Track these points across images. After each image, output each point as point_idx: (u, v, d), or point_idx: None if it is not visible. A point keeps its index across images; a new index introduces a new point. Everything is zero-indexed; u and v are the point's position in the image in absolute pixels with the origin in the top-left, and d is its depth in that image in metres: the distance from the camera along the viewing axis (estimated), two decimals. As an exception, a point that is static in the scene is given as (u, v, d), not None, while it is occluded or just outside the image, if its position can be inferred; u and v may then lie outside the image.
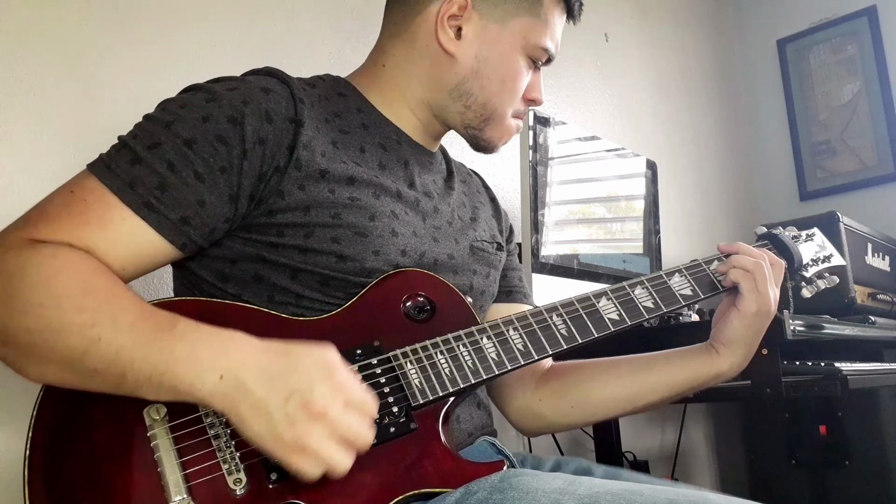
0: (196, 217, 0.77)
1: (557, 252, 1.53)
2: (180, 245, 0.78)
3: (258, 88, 0.82)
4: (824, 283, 1.09)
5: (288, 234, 0.82)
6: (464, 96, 0.95)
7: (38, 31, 1.14)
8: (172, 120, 0.78)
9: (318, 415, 0.65)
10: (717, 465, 2.46)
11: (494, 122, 0.97)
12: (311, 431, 0.65)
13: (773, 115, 2.94)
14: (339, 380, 0.68)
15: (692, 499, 0.69)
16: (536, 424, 1.08)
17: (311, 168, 0.82)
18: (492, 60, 0.94)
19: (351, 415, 0.68)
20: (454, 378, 0.80)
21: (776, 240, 1.05)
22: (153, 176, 0.75)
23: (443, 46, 0.93)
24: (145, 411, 0.70)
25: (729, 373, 0.98)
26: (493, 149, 1.01)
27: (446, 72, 0.94)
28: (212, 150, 0.77)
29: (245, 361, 0.67)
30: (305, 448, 0.65)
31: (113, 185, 0.75)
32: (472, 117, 0.96)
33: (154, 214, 0.75)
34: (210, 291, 0.84)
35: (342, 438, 0.67)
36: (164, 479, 0.67)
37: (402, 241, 0.87)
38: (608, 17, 2.42)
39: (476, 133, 0.98)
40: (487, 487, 0.73)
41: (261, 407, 0.65)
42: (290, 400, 0.65)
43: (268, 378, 0.66)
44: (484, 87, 0.94)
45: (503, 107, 0.96)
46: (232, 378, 0.66)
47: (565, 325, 0.88)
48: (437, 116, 0.98)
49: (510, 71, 0.95)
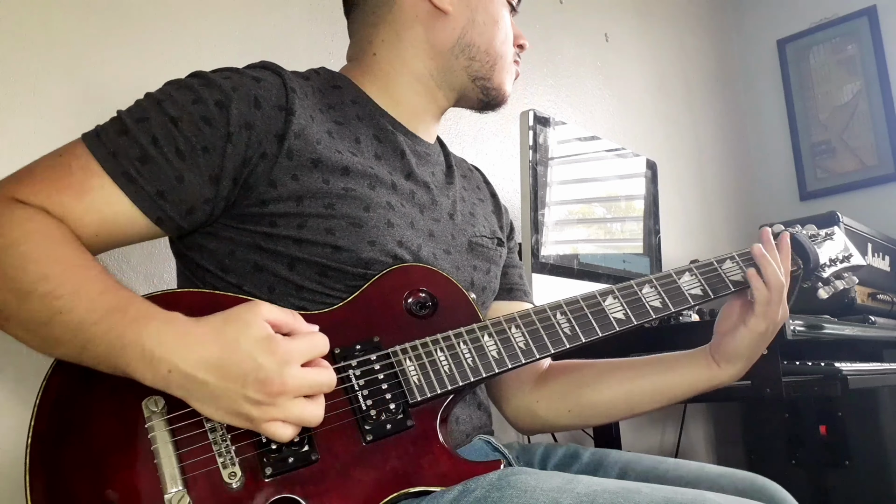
0: (172, 192, 0.78)
1: (557, 252, 1.53)
2: (155, 219, 0.79)
3: (251, 77, 0.83)
4: (843, 284, 1.06)
5: (281, 225, 0.82)
6: (466, 49, 0.97)
7: (38, 31, 1.14)
8: (164, 99, 0.80)
9: (277, 390, 0.67)
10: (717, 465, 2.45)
11: (499, 67, 1.00)
12: (276, 404, 0.67)
13: (773, 115, 2.94)
14: (281, 350, 0.68)
15: (690, 497, 0.69)
16: (534, 424, 1.08)
17: (303, 157, 0.82)
18: (482, 5, 0.98)
19: (308, 372, 0.69)
20: (453, 375, 0.80)
21: (793, 239, 1.03)
22: (136, 148, 0.77)
23: (436, 6, 0.95)
24: (144, 403, 0.71)
25: (728, 382, 0.99)
26: (502, 97, 1.02)
27: (444, 30, 0.96)
28: (195, 130, 0.78)
29: (187, 353, 0.67)
30: (275, 420, 0.67)
31: (97, 152, 0.77)
32: (479, 67, 0.98)
33: (131, 185, 0.77)
34: (212, 283, 0.85)
35: (307, 395, 0.69)
36: (160, 471, 0.68)
37: (399, 233, 0.87)
38: (608, 17, 2.42)
39: (485, 83, 1.00)
40: (486, 485, 0.73)
41: (218, 395, 0.67)
42: (245, 385, 0.66)
43: (215, 367, 0.67)
44: (483, 32, 0.97)
45: (503, 47, 1.00)
46: (179, 372, 0.67)
47: (569, 324, 0.87)
48: (441, 86, 0.99)
49: (499, 11, 0.99)
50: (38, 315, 0.68)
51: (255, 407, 0.67)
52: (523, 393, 1.07)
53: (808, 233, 1.06)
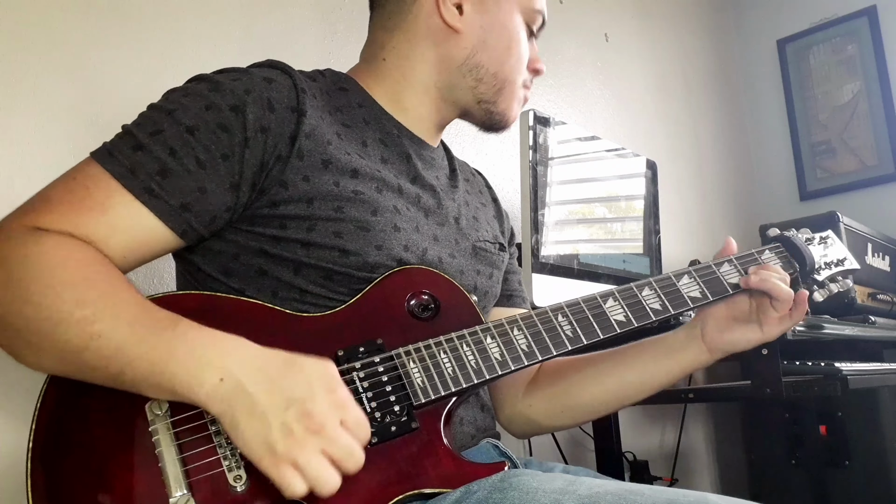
0: (197, 204, 0.77)
1: (557, 252, 1.53)
2: (181, 232, 0.78)
3: (261, 78, 0.82)
4: (837, 287, 1.06)
5: (291, 227, 0.81)
6: (474, 69, 0.95)
7: (38, 31, 1.14)
8: (175, 108, 0.78)
9: (315, 428, 0.65)
10: (717, 465, 2.46)
11: (506, 92, 0.98)
12: (305, 445, 0.64)
13: (773, 115, 2.94)
14: (340, 395, 0.68)
15: (692, 499, 0.69)
16: (530, 428, 1.09)
17: (314, 157, 0.82)
18: (496, 28, 0.95)
19: (346, 434, 0.67)
20: (457, 377, 0.80)
21: (788, 242, 1.04)
22: (154, 162, 0.75)
23: (447, 23, 0.94)
24: (147, 406, 0.70)
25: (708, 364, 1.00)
26: (506, 123, 1.01)
27: (453, 48, 0.95)
28: (213, 138, 0.77)
29: (247, 364, 0.67)
30: (296, 461, 0.64)
31: (115, 170, 0.75)
32: (485, 90, 0.97)
33: (155, 200, 0.75)
34: (213, 286, 0.84)
35: (334, 457, 0.66)
36: (164, 474, 0.67)
37: (405, 237, 0.87)
38: (608, 17, 2.42)
39: (489, 107, 0.98)
40: (487, 487, 0.73)
41: (258, 412, 0.65)
42: (289, 408, 0.65)
43: (269, 383, 0.66)
44: (492, 56, 0.95)
45: (513, 73, 0.97)
46: (233, 380, 0.65)
47: (570, 326, 0.87)
48: (446, 100, 0.98)
49: (514, 36, 0.97)
50: (75, 342, 0.66)
51: (285, 438, 0.64)
52: (516, 399, 1.07)
53: (804, 236, 1.07)
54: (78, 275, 0.69)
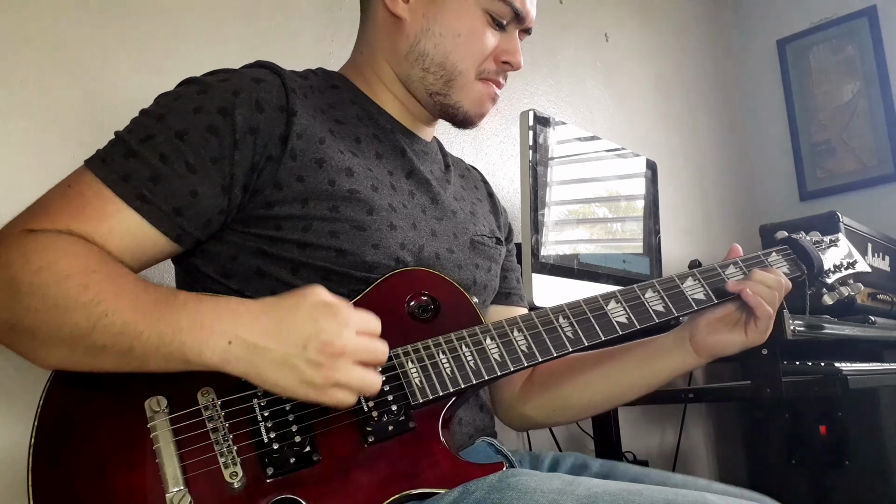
0: (189, 208, 0.77)
1: (557, 252, 1.53)
2: (175, 237, 0.78)
3: (249, 79, 0.82)
4: (847, 290, 1.06)
5: (286, 228, 0.81)
6: (420, 58, 0.93)
7: (38, 31, 1.14)
8: (165, 112, 0.79)
9: (338, 351, 0.68)
10: (717, 465, 2.45)
11: (458, 84, 0.94)
12: (338, 367, 0.68)
13: (773, 115, 2.94)
14: (342, 314, 0.70)
15: (691, 499, 0.69)
16: (524, 424, 1.11)
17: (307, 157, 0.82)
18: (442, 16, 0.92)
19: (364, 339, 0.71)
20: (455, 378, 0.80)
21: (796, 245, 1.03)
22: (146, 168, 0.76)
23: (392, 12, 0.93)
24: (146, 403, 0.71)
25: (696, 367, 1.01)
26: (467, 116, 0.96)
27: (399, 37, 0.94)
28: (203, 141, 0.77)
29: (248, 323, 0.69)
30: (338, 383, 0.69)
31: (107, 178, 0.75)
32: (433, 80, 0.94)
33: (147, 206, 0.76)
34: (213, 288, 0.85)
35: (365, 362, 0.70)
36: (162, 471, 0.68)
37: (401, 235, 0.87)
38: (608, 17, 2.42)
39: (442, 100, 0.95)
40: (485, 487, 0.73)
41: (281, 361, 0.68)
42: (307, 347, 0.68)
43: (276, 333, 0.68)
44: (437, 44, 0.92)
45: (463, 63, 0.93)
46: (240, 341, 0.68)
47: (571, 328, 0.86)
48: (411, 92, 0.96)
49: (464, 26, 0.92)
50: (83, 325, 0.67)
51: (318, 371, 0.68)
52: (513, 397, 1.08)
53: (813, 239, 1.06)
54: (77, 264, 0.70)
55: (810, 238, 1.06)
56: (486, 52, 0.94)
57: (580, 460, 0.99)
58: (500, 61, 0.95)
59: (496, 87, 0.97)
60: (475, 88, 0.95)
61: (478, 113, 0.97)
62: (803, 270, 1.01)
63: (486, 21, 0.93)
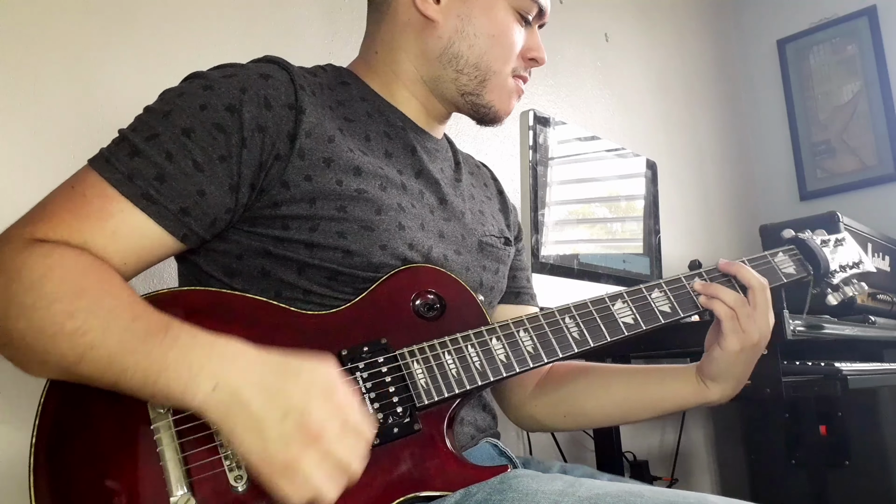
0: (196, 207, 0.76)
1: (557, 252, 1.53)
2: (181, 236, 0.77)
3: (257, 75, 0.80)
4: (852, 290, 1.06)
5: (293, 228, 0.80)
6: (453, 60, 0.92)
7: (38, 31, 1.14)
8: (170, 110, 0.77)
9: (314, 437, 0.64)
10: (717, 465, 2.46)
11: (491, 83, 0.94)
12: (304, 455, 0.63)
13: (773, 115, 2.94)
14: (338, 400, 0.66)
15: (692, 501, 0.69)
16: (532, 425, 1.10)
17: (315, 156, 0.80)
18: (475, 17, 0.92)
19: (346, 440, 0.66)
20: (461, 379, 0.79)
21: (803, 244, 1.02)
22: (152, 167, 0.74)
23: (423, 13, 0.92)
24: (150, 405, 0.70)
25: (719, 401, 0.96)
26: (497, 115, 0.97)
27: (431, 39, 0.92)
28: (210, 139, 0.76)
29: (242, 371, 0.65)
30: (296, 473, 0.63)
31: (112, 177, 0.74)
32: (467, 81, 0.93)
33: (153, 206, 0.74)
34: (216, 287, 0.83)
35: (334, 466, 0.65)
36: (166, 474, 0.67)
37: (409, 235, 0.86)
38: (608, 17, 2.42)
39: (475, 99, 0.95)
40: (487, 489, 0.73)
41: (255, 422, 0.64)
42: (286, 418, 0.64)
43: (265, 391, 0.64)
44: (472, 45, 0.92)
45: (497, 63, 0.93)
46: (227, 389, 0.64)
47: (578, 328, 0.86)
48: (434, 93, 0.96)
49: (497, 25, 0.92)
50: (69, 355, 0.66)
51: (283, 448, 0.63)
52: (524, 397, 1.07)
53: (819, 238, 1.06)
54: (66, 287, 0.68)
55: (816, 237, 1.05)
56: (517, 51, 0.95)
57: (588, 473, 0.98)
58: (527, 58, 0.97)
59: (523, 83, 0.98)
60: (507, 87, 0.96)
61: (506, 111, 0.97)
62: (809, 271, 1.01)
63: (516, 19, 0.94)
